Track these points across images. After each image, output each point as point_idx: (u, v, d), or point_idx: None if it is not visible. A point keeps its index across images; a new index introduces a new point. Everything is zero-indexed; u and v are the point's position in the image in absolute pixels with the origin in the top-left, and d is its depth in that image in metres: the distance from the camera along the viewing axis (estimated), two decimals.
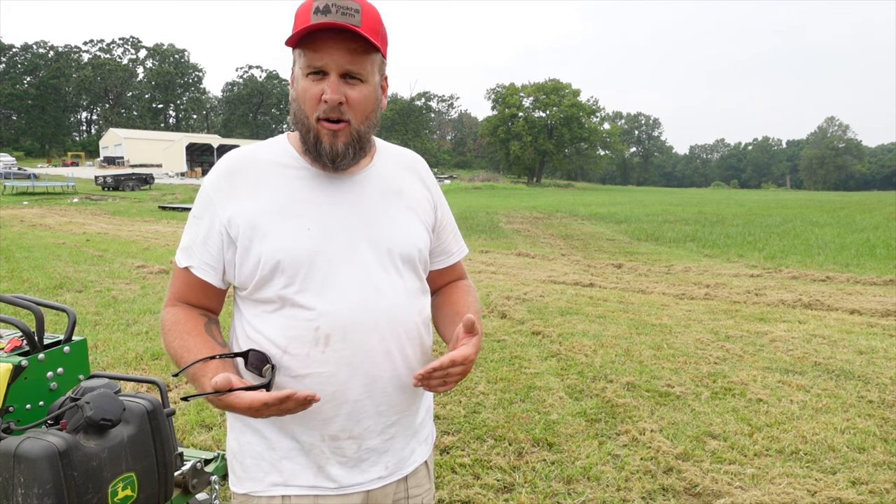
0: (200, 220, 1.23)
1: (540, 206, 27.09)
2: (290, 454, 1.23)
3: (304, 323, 1.17)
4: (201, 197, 1.24)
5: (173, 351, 1.19)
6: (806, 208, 27.70)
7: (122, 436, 1.74)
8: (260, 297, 1.20)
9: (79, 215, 20.31)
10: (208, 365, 1.13)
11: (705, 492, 3.03)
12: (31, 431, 1.66)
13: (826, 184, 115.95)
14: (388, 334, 1.21)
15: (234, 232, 1.19)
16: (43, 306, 2.10)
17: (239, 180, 1.21)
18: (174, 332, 1.21)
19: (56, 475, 1.55)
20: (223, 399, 1.05)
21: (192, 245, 1.23)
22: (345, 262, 1.19)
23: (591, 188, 70.65)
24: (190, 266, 1.23)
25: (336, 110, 1.14)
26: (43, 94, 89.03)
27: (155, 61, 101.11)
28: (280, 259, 1.16)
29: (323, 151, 1.17)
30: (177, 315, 1.24)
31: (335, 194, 1.22)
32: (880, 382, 4.54)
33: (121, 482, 1.72)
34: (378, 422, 1.24)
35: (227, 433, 1.32)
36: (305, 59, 1.14)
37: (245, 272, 1.20)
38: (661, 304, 7.35)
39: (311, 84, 1.14)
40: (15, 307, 2.88)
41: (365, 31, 1.11)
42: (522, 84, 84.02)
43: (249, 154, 1.26)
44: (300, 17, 1.12)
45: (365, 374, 1.20)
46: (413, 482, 1.34)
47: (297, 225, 1.18)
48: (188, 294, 1.26)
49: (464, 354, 1.14)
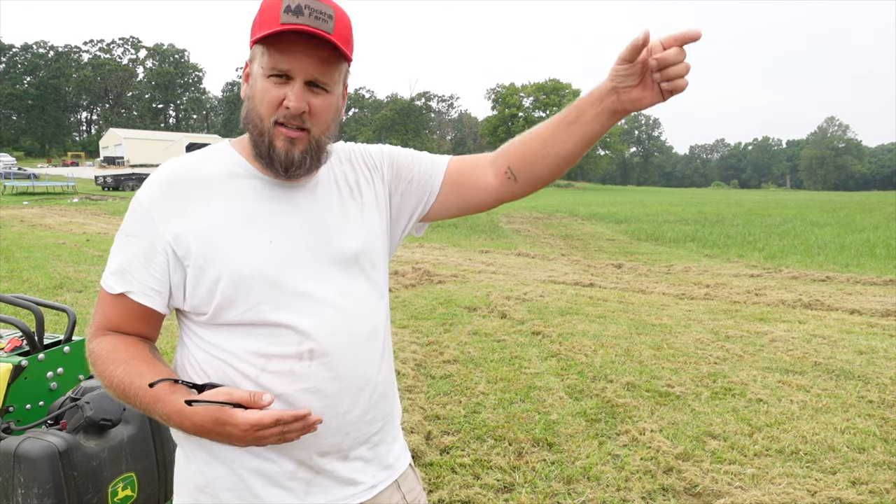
0: (136, 238, 1.09)
1: (540, 206, 27.08)
2: (276, 479, 1.12)
3: (284, 339, 1.09)
4: (136, 212, 1.11)
5: (117, 379, 1.06)
6: (806, 208, 27.70)
7: (122, 436, 1.74)
8: (224, 320, 1.09)
9: (79, 215, 20.31)
10: (174, 388, 1.02)
11: (705, 492, 3.03)
12: (31, 431, 1.66)
13: (826, 184, 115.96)
14: (366, 340, 1.16)
15: (181, 251, 1.08)
16: (43, 306, 2.10)
17: (182, 193, 1.10)
18: (113, 359, 1.08)
19: (56, 475, 1.55)
20: (220, 415, 0.97)
21: (127, 268, 1.09)
22: (313, 272, 1.12)
23: (591, 188, 70.64)
24: (128, 291, 1.09)
25: (297, 119, 1.06)
26: (43, 94, 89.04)
27: (155, 61, 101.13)
28: (245, 274, 1.07)
29: (276, 157, 1.08)
30: (113, 343, 1.10)
31: (290, 202, 1.14)
32: (880, 382, 4.54)
33: (121, 482, 1.72)
34: (364, 432, 1.18)
35: (182, 464, 1.18)
36: (269, 60, 1.05)
37: (200, 295, 1.08)
38: (661, 304, 7.35)
39: (272, 86, 1.06)
40: (15, 307, 2.88)
41: (337, 40, 1.04)
42: (522, 84, 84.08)
43: (192, 164, 1.14)
44: (268, 12, 1.04)
45: (351, 384, 1.14)
46: (406, 487, 1.29)
47: (258, 238, 1.09)
48: (122, 322, 1.12)
49: None
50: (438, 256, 11.59)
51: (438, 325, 6.16)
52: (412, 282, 8.50)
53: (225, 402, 0.97)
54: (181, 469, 1.18)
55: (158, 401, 1.02)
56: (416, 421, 3.73)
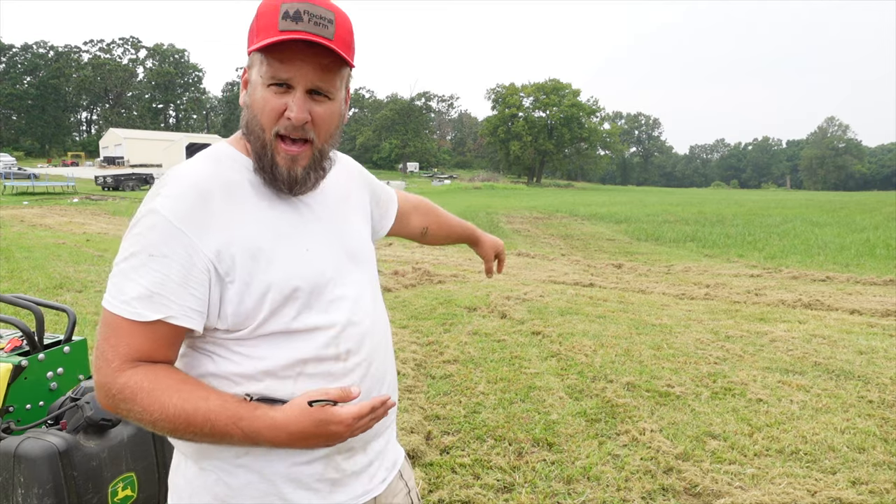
0: (166, 258, 0.99)
1: (540, 206, 27.08)
2: (305, 481, 1.12)
3: (325, 341, 1.10)
4: (160, 229, 1.00)
5: (173, 408, 0.96)
6: (806, 208, 27.69)
7: (122, 436, 1.74)
8: (265, 331, 1.06)
9: (79, 215, 20.31)
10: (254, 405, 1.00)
11: (705, 492, 3.03)
12: (31, 431, 1.66)
13: (826, 184, 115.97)
14: (384, 340, 1.23)
15: (224, 266, 1.02)
16: (43, 306, 2.10)
17: (211, 205, 1.03)
18: (163, 388, 0.98)
19: (56, 475, 1.55)
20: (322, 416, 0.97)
21: (161, 291, 0.99)
22: (341, 275, 1.15)
23: (591, 188, 70.65)
24: (168, 317, 0.99)
25: (300, 130, 1.04)
26: (43, 94, 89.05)
27: (155, 61, 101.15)
28: (296, 286, 1.06)
29: (279, 175, 1.06)
30: (152, 373, 1.00)
31: (307, 208, 1.15)
32: (880, 382, 4.54)
33: (121, 482, 1.72)
34: (382, 424, 1.22)
35: (194, 480, 1.11)
36: (269, 69, 1.02)
37: (246, 309, 1.04)
38: (661, 304, 7.35)
39: (273, 96, 1.03)
40: (15, 307, 2.88)
41: (338, 46, 1.02)
42: (522, 84, 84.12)
43: (210, 172, 1.08)
44: (265, 18, 1.01)
45: (377, 379, 1.19)
46: (406, 475, 1.35)
47: (296, 246, 1.09)
48: (154, 351, 1.01)
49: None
50: (438, 256, 11.59)
51: (438, 325, 6.16)
52: (412, 282, 8.50)
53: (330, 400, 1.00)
54: (190, 481, 1.12)
55: (242, 419, 0.97)
56: (416, 421, 3.73)
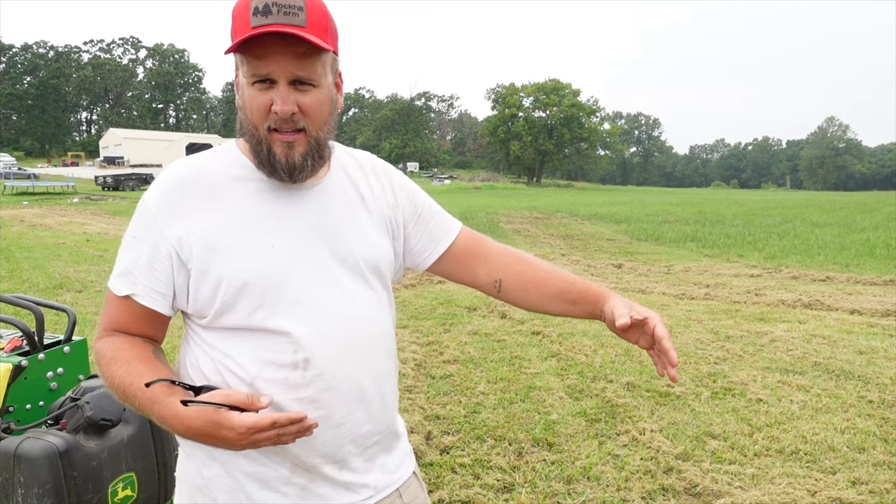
0: (141, 241, 1.10)
1: (540, 206, 27.08)
2: (270, 483, 1.11)
3: (280, 346, 1.07)
4: (142, 214, 1.11)
5: (118, 379, 1.05)
6: (806, 208, 27.69)
7: (122, 436, 1.74)
8: (223, 324, 1.09)
9: (79, 215, 20.31)
10: (171, 390, 1.01)
11: (705, 492, 3.03)
12: (31, 431, 1.66)
13: (826, 184, 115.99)
14: (365, 350, 1.15)
15: (185, 254, 1.07)
16: (43, 306, 2.10)
17: (188, 196, 1.09)
18: (117, 359, 1.07)
19: (56, 475, 1.55)
20: (216, 417, 0.95)
21: (133, 270, 1.10)
22: (313, 279, 1.10)
23: (591, 188, 70.65)
24: (133, 294, 1.09)
25: (289, 121, 1.04)
26: (43, 94, 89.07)
27: (155, 61, 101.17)
28: (246, 280, 1.06)
29: (278, 164, 1.07)
30: (118, 343, 1.10)
31: (295, 207, 1.12)
32: (880, 382, 4.54)
33: (121, 482, 1.72)
34: (360, 444, 1.16)
35: (183, 462, 1.18)
36: (249, 67, 1.03)
37: (202, 297, 1.08)
38: (661, 304, 7.34)
39: (258, 93, 1.04)
40: (15, 307, 2.88)
41: (311, 32, 1.01)
42: (522, 84, 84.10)
43: (197, 166, 1.13)
44: (238, 18, 1.02)
45: (346, 396, 1.12)
46: (408, 496, 1.27)
47: (260, 242, 1.08)
48: (128, 324, 1.12)
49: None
50: None
51: (438, 325, 6.16)
52: (412, 282, 8.51)
53: (222, 403, 0.95)
54: (182, 468, 1.18)
55: (155, 402, 1.00)
56: (416, 421, 3.74)
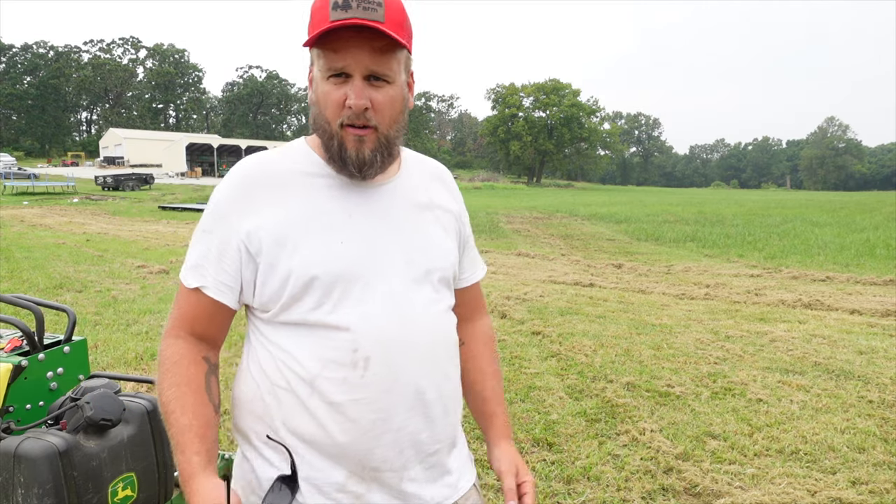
0: (211, 234, 1.11)
1: (540, 206, 27.08)
2: (322, 489, 1.10)
3: (341, 344, 1.06)
4: (213, 209, 1.12)
5: (166, 399, 1.08)
6: (806, 208, 27.69)
7: (122, 436, 1.74)
8: (287, 318, 1.09)
9: (79, 215, 20.31)
10: (204, 439, 1.06)
11: (705, 492, 3.03)
12: (31, 431, 1.66)
13: (826, 184, 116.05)
14: (429, 354, 1.12)
15: (254, 247, 1.08)
16: (43, 306, 2.10)
17: (258, 190, 1.10)
18: (173, 375, 1.10)
19: (56, 475, 1.55)
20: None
21: (203, 263, 1.11)
22: (381, 277, 1.09)
23: (591, 188, 70.66)
24: (202, 286, 1.10)
25: (361, 117, 1.04)
26: (43, 94, 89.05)
27: (155, 61, 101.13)
28: (315, 274, 1.06)
29: (349, 159, 1.07)
30: (179, 353, 1.12)
31: (365, 205, 1.12)
32: (880, 382, 4.54)
33: (121, 482, 1.72)
34: (421, 450, 1.13)
35: (238, 461, 1.21)
36: (325, 61, 1.03)
37: (270, 291, 1.08)
38: (661, 304, 7.34)
39: (333, 88, 1.04)
40: (15, 307, 2.88)
41: (389, 27, 1.00)
42: (522, 84, 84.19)
43: (268, 162, 1.14)
44: (318, 14, 1.02)
45: (407, 398, 1.09)
46: None
47: (329, 238, 1.08)
48: (196, 318, 1.13)
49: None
50: None
51: None
52: None
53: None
54: (237, 464, 1.20)
55: (183, 452, 1.05)
56: None
